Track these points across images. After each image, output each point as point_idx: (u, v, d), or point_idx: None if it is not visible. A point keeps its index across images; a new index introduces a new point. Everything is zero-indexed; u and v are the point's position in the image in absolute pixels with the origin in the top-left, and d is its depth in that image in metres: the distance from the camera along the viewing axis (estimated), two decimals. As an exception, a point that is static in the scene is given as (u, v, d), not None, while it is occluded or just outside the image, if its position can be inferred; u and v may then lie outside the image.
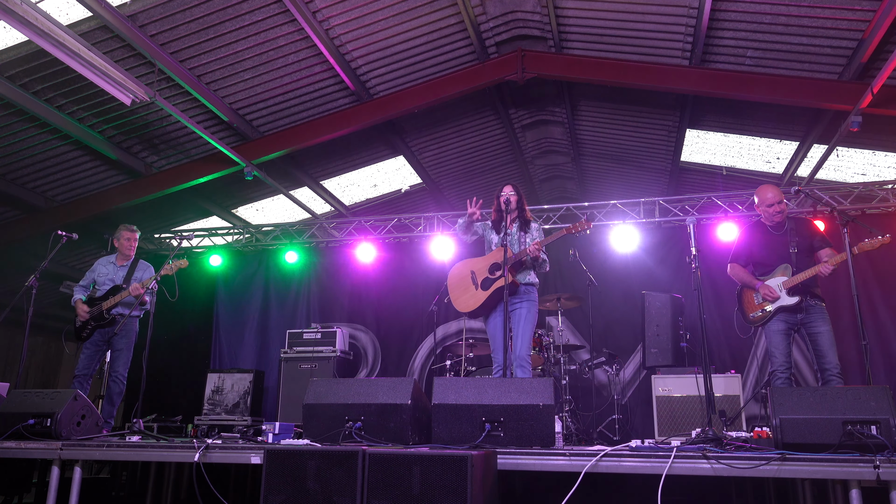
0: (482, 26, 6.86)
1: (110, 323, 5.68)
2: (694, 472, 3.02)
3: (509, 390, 3.50)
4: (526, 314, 4.68)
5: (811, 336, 4.66)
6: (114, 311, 5.68)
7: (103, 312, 5.65)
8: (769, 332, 4.76)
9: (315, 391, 3.79)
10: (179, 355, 8.58)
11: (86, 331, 5.69)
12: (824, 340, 4.57)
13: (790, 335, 4.74)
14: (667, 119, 8.10)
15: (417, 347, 8.14)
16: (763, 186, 4.93)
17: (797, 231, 4.83)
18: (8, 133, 7.10)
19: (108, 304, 5.65)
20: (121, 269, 5.91)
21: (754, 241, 4.97)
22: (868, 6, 5.47)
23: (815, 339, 4.63)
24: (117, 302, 5.65)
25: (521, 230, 4.82)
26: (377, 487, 2.80)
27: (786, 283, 4.68)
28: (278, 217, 10.10)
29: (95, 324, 5.67)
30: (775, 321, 4.72)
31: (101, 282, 5.86)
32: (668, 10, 6.15)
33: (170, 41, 6.27)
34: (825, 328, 4.61)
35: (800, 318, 4.69)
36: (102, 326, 5.68)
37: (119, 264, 5.95)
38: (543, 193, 11.15)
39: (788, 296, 4.67)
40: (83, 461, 3.84)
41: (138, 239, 6.07)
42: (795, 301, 4.63)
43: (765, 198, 4.84)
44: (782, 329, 4.70)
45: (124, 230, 5.96)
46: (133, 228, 6.02)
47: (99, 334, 5.71)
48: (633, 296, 7.32)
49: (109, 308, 5.65)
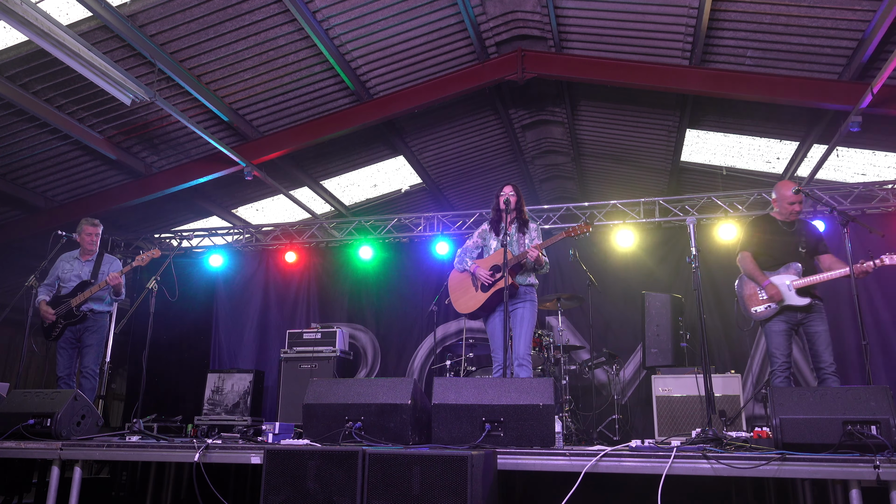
0: (482, 26, 6.86)
1: (81, 319, 5.57)
2: (694, 472, 3.02)
3: (509, 390, 3.50)
4: (525, 314, 4.68)
5: (808, 335, 4.68)
6: (84, 308, 5.58)
7: (73, 309, 5.54)
8: (770, 331, 4.75)
9: (315, 391, 3.79)
10: (179, 355, 8.57)
11: (56, 330, 5.56)
12: (821, 340, 4.60)
13: (791, 335, 4.74)
14: (667, 119, 8.10)
15: (417, 347, 8.14)
16: (784, 182, 4.95)
17: (805, 232, 4.85)
18: (8, 133, 7.10)
19: (77, 300, 5.53)
20: (86, 265, 5.77)
21: (763, 236, 4.93)
22: (868, 6, 5.47)
23: (812, 339, 4.65)
24: (87, 297, 5.55)
25: (519, 231, 4.82)
26: (377, 487, 2.80)
27: (796, 284, 4.65)
28: (278, 217, 10.10)
29: (66, 321, 5.56)
30: (776, 321, 4.71)
31: (66, 278, 5.71)
32: (668, 10, 6.15)
33: (170, 41, 6.27)
34: (822, 328, 4.63)
35: (800, 318, 4.69)
36: (73, 323, 5.57)
37: (84, 259, 5.81)
38: (543, 193, 11.15)
39: (798, 296, 4.65)
40: (83, 461, 3.83)
41: (100, 234, 5.91)
42: (805, 303, 4.63)
43: (786, 195, 4.83)
44: (783, 329, 4.70)
45: (86, 224, 5.81)
46: (95, 222, 5.87)
47: (70, 332, 5.59)
48: (633, 296, 7.32)
49: (79, 304, 5.54)
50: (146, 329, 4.93)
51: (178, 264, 7.30)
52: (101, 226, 5.93)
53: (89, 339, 5.61)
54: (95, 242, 5.86)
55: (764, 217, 5.11)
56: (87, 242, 5.80)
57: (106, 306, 5.72)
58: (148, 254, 5.50)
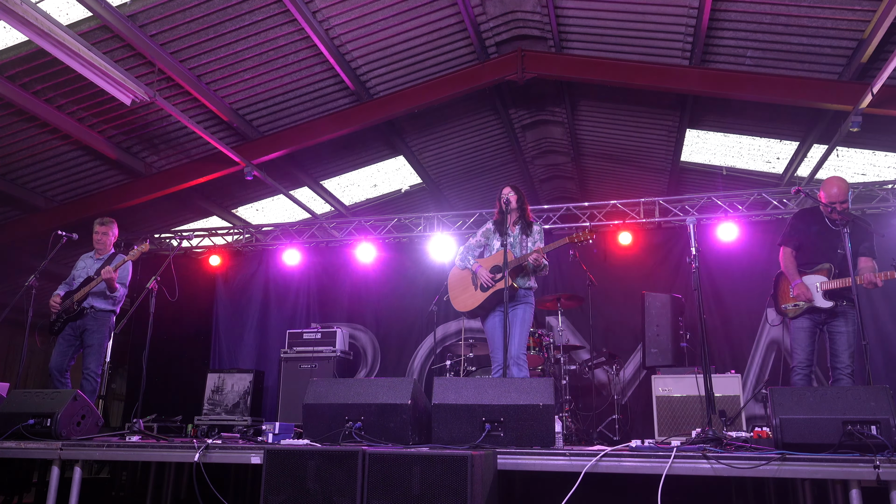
0: (482, 26, 6.86)
1: (80, 315, 5.58)
2: (694, 472, 3.02)
3: (509, 390, 3.50)
4: (522, 315, 4.69)
5: (831, 334, 4.65)
6: (85, 304, 5.59)
7: (73, 304, 5.55)
8: (794, 328, 4.73)
9: (315, 391, 3.79)
10: (179, 355, 8.56)
11: (57, 324, 5.59)
12: (842, 341, 4.57)
13: (815, 333, 4.70)
14: (667, 119, 8.10)
15: (417, 347, 8.14)
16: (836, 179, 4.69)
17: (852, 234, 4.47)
18: (8, 133, 7.10)
19: (78, 294, 5.56)
20: (97, 263, 5.81)
21: (809, 230, 4.82)
22: (868, 6, 5.47)
23: (834, 339, 4.62)
24: (87, 292, 5.56)
25: (522, 233, 4.83)
26: (377, 487, 2.80)
27: (824, 285, 4.61)
28: (278, 217, 10.10)
29: (66, 316, 5.58)
30: (802, 319, 4.70)
31: (78, 276, 5.77)
32: (668, 10, 6.15)
33: (170, 41, 6.27)
34: (845, 329, 4.59)
35: (824, 318, 4.67)
36: (73, 319, 5.58)
37: (96, 258, 5.86)
38: (543, 193, 11.15)
39: (824, 299, 4.61)
40: (83, 461, 3.83)
41: (114, 233, 5.92)
42: (830, 306, 4.59)
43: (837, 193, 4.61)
44: (808, 326, 4.68)
45: (95, 223, 5.87)
46: (104, 220, 5.89)
47: (70, 328, 5.60)
48: (633, 296, 7.31)
49: (80, 299, 5.56)
50: (146, 329, 4.92)
51: (178, 264, 7.30)
52: (110, 224, 5.92)
53: (90, 340, 5.60)
54: (104, 241, 5.87)
55: (810, 210, 4.96)
56: (95, 241, 5.86)
57: (110, 305, 5.72)
58: (138, 248, 5.50)
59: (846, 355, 4.53)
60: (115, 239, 5.98)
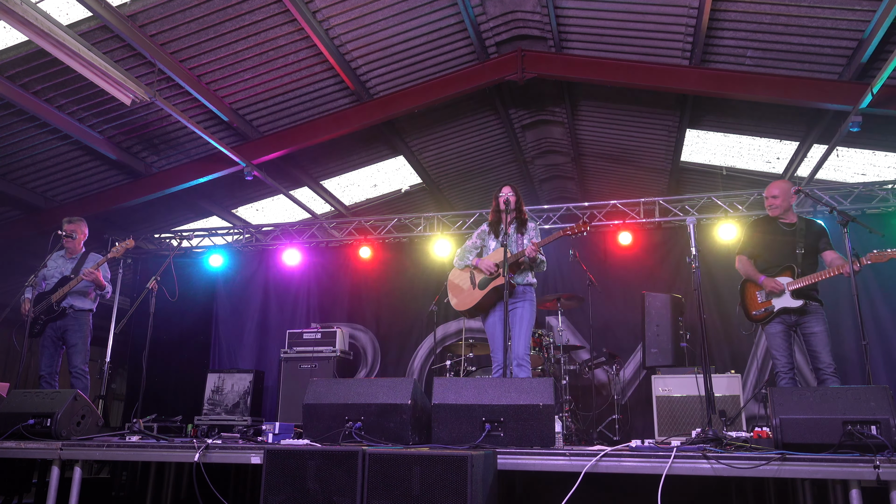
0: (482, 26, 6.86)
1: (60, 315, 5.54)
2: (694, 472, 3.02)
3: (509, 390, 3.50)
4: (524, 314, 4.68)
5: (805, 336, 4.70)
6: (63, 304, 5.55)
7: (52, 305, 5.51)
8: (769, 334, 4.79)
9: (315, 391, 3.79)
10: (179, 355, 8.57)
11: (37, 326, 5.53)
12: (818, 341, 4.61)
13: (790, 335, 4.77)
14: (667, 119, 8.10)
15: (417, 347, 8.14)
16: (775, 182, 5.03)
17: (806, 231, 4.84)
18: (8, 133, 7.10)
19: (57, 295, 5.51)
20: (70, 262, 5.75)
21: (762, 237, 4.95)
22: (868, 6, 5.47)
23: (809, 340, 4.67)
24: (66, 292, 5.52)
25: (518, 231, 4.82)
26: (377, 487, 2.80)
27: (790, 285, 4.69)
28: (278, 217, 10.10)
29: (46, 318, 5.53)
30: (773, 323, 4.76)
31: (50, 276, 5.68)
32: (668, 10, 6.15)
33: (170, 41, 6.27)
34: (819, 328, 4.64)
35: (795, 319, 4.72)
36: (53, 319, 5.54)
37: (68, 257, 5.80)
38: (543, 193, 11.15)
39: (792, 298, 4.68)
40: (83, 461, 3.83)
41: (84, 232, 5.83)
42: (799, 304, 4.65)
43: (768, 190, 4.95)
44: (781, 330, 4.74)
45: (64, 222, 5.78)
46: (70, 220, 5.81)
47: (51, 329, 5.56)
48: (633, 296, 7.32)
49: (59, 300, 5.52)
50: (146, 329, 4.93)
51: (178, 264, 7.31)
52: (79, 223, 5.83)
53: (73, 339, 5.57)
54: (75, 240, 5.76)
55: (763, 218, 5.13)
56: (65, 241, 5.76)
57: (89, 303, 5.69)
58: (122, 245, 5.47)
59: (825, 353, 4.56)
60: (84, 238, 5.90)
